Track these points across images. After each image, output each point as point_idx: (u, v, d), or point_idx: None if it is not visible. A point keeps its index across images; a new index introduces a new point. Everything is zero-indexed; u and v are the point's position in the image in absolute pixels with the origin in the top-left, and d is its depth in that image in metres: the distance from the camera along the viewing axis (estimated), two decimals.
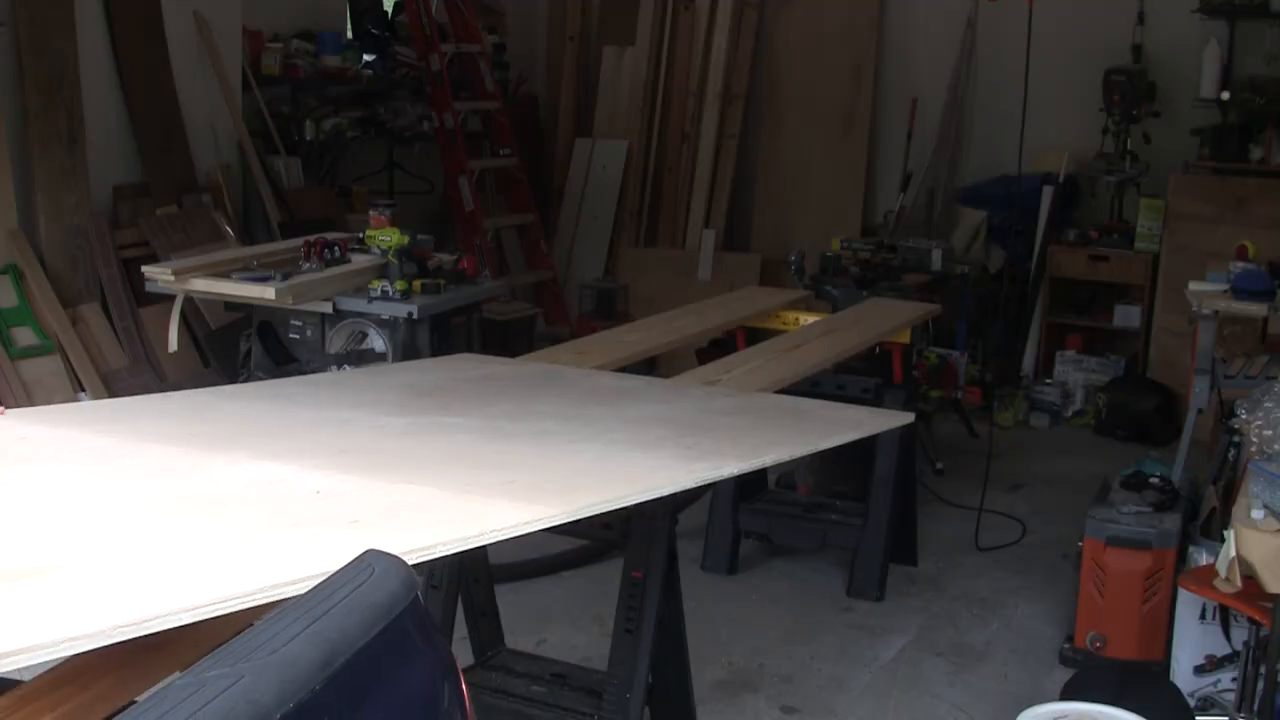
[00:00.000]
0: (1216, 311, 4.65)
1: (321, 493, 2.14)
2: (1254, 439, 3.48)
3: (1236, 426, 3.74)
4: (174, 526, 1.94)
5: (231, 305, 5.07)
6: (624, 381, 3.53)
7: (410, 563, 1.64)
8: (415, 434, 2.68)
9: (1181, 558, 3.82)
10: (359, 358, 4.58)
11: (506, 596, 3.88)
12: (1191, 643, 3.68)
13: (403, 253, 4.58)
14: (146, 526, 1.93)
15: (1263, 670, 3.00)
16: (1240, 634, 3.44)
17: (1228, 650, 3.59)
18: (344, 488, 2.17)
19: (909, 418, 3.50)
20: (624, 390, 3.37)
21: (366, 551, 1.43)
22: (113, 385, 5.12)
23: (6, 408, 2.60)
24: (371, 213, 4.81)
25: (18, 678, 1.32)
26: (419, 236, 4.94)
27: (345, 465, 2.33)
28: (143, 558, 1.77)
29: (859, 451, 4.75)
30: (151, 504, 2.06)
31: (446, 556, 2.88)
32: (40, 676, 1.15)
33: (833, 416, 3.35)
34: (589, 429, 2.82)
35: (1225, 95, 6.48)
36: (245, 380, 4.67)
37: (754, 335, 4.74)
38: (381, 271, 4.57)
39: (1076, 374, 6.82)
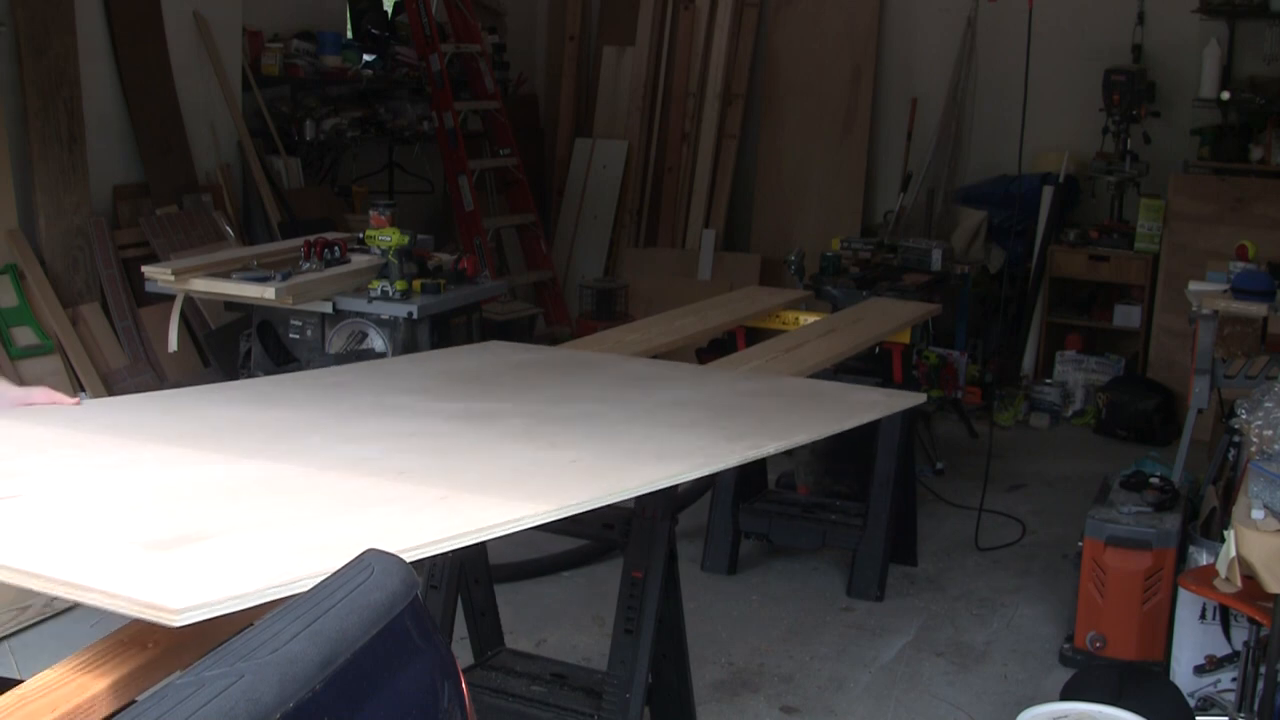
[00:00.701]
0: (1216, 311, 4.65)
1: (405, 472, 2.26)
2: (1254, 439, 3.48)
3: (1236, 426, 3.74)
4: (290, 500, 2.06)
5: (231, 305, 5.07)
6: (650, 367, 3.69)
7: (511, 532, 1.95)
8: (471, 418, 2.80)
9: (1181, 558, 3.82)
10: (359, 358, 4.57)
11: (506, 596, 3.88)
12: (1191, 643, 3.68)
13: (403, 253, 4.58)
14: (267, 499, 2.05)
15: (1263, 670, 3.00)
16: (1240, 634, 3.44)
17: (1228, 650, 3.59)
18: (425, 466, 2.31)
19: (921, 398, 3.66)
20: (652, 375, 3.53)
21: (366, 551, 1.43)
22: (112, 385, 5.12)
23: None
24: (371, 213, 4.80)
25: (18, 677, 1.31)
26: (419, 236, 4.94)
27: (418, 447, 2.46)
28: (279, 526, 1.90)
29: (859, 451, 4.77)
30: (261, 481, 2.17)
31: (447, 555, 2.96)
32: (40, 676, 1.15)
33: (853, 398, 3.50)
34: (629, 411, 2.98)
35: (1225, 95, 6.49)
36: (246, 366, 4.68)
37: (754, 335, 4.74)
38: (381, 271, 4.57)
39: (1076, 374, 6.82)
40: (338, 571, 1.38)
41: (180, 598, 1.47)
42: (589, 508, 2.12)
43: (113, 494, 2.05)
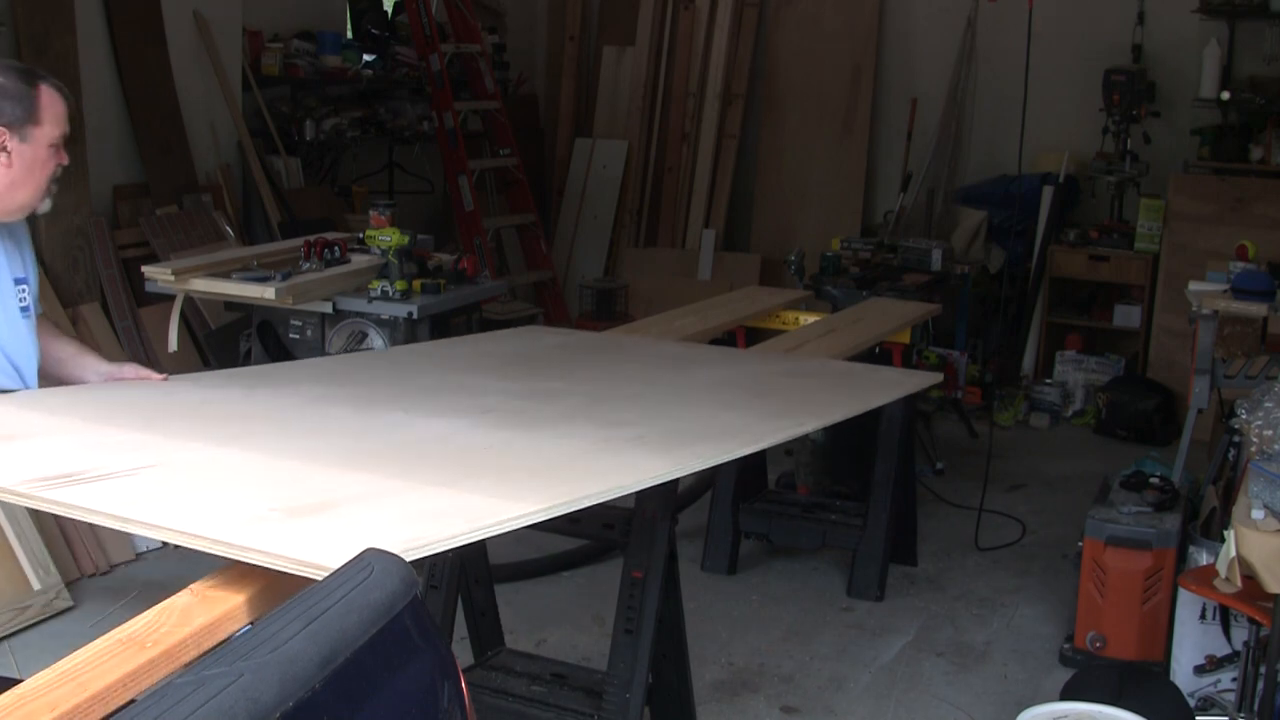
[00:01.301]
0: (1216, 311, 4.65)
1: (492, 447, 2.41)
2: (1254, 439, 3.48)
3: (1237, 426, 3.74)
4: (397, 470, 2.16)
5: (231, 305, 5.07)
6: (684, 349, 3.89)
7: (609, 500, 2.12)
8: (533, 397, 2.94)
9: (1181, 558, 3.82)
10: None
11: (506, 596, 3.88)
12: (1191, 643, 3.68)
13: (403, 253, 4.58)
14: (375, 471, 2.15)
15: (1263, 670, 3.00)
16: (1240, 634, 3.44)
17: (1228, 650, 3.59)
18: (508, 441, 2.46)
19: (938, 378, 4.04)
20: (687, 357, 3.73)
21: (366, 550, 1.43)
22: None
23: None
24: (371, 213, 4.80)
25: (17, 677, 1.31)
26: (419, 236, 4.94)
27: (496, 423, 2.60)
28: (396, 495, 2.01)
29: (859, 451, 4.77)
30: (365, 452, 2.31)
31: (447, 555, 2.99)
32: (39, 676, 1.15)
33: (877, 377, 3.75)
34: (674, 391, 3.17)
35: (1225, 95, 6.49)
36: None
37: (754, 335, 4.75)
38: (381, 271, 4.57)
39: (1076, 374, 6.82)
40: (337, 570, 1.38)
41: (332, 557, 1.58)
42: (669, 479, 2.36)
43: (238, 465, 2.17)
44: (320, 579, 1.53)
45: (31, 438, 2.23)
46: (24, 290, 2.62)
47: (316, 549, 1.65)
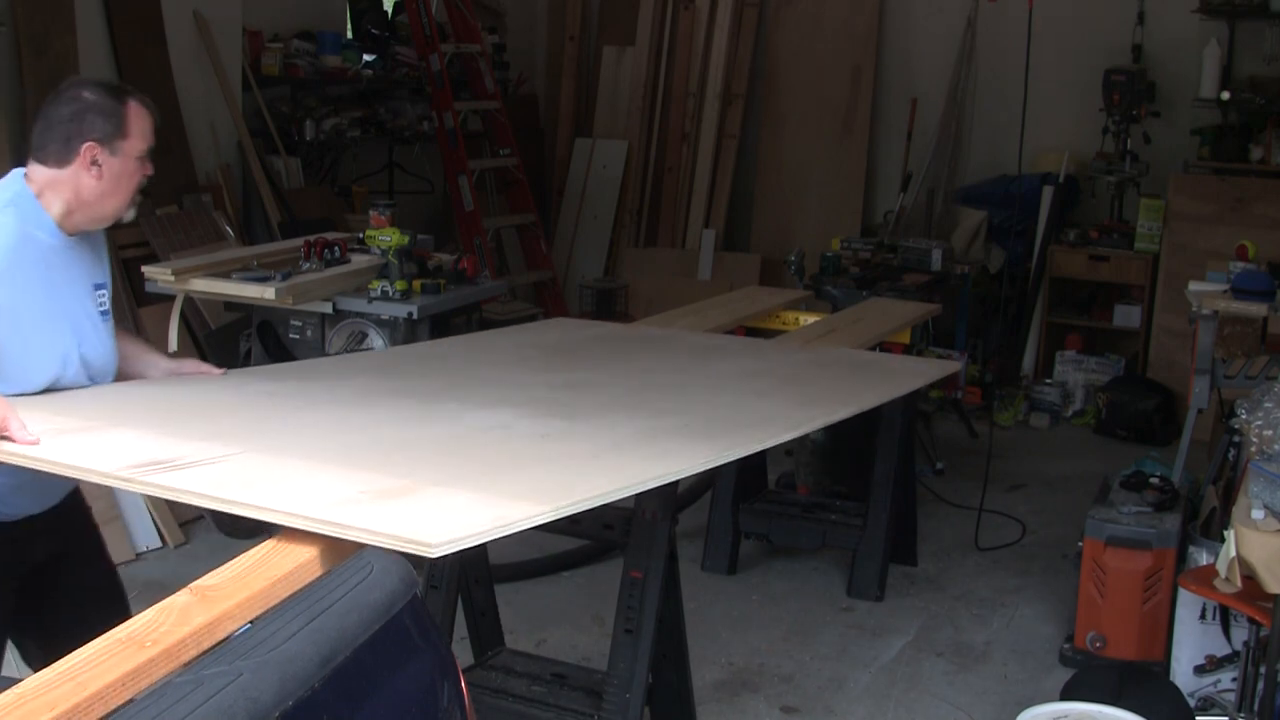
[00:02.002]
0: (1216, 311, 4.65)
1: (547, 435, 2.53)
2: (1254, 439, 3.48)
3: (1237, 426, 3.74)
4: (464, 459, 2.32)
5: (231, 305, 5.06)
6: (711, 340, 4.03)
7: (668, 482, 2.30)
8: (575, 387, 3.07)
9: (1181, 558, 3.81)
10: None
11: (506, 596, 3.88)
12: (1191, 643, 3.68)
13: (403, 253, 4.57)
14: (443, 458, 2.31)
15: (1263, 670, 3.00)
16: (1240, 634, 3.44)
17: (1228, 650, 3.59)
18: (561, 430, 2.57)
19: (956, 366, 4.14)
20: (714, 347, 3.87)
21: (365, 549, 1.43)
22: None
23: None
24: (371, 213, 4.80)
25: (17, 676, 1.31)
26: (419, 236, 4.93)
27: (545, 413, 2.72)
28: (468, 480, 2.14)
29: (859, 452, 4.76)
30: (429, 441, 2.44)
31: (447, 555, 2.97)
32: (38, 675, 1.15)
33: (900, 365, 3.93)
34: (709, 381, 3.31)
35: (1225, 95, 6.48)
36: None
37: (754, 335, 4.74)
38: (381, 271, 4.57)
39: (1076, 374, 6.82)
40: (337, 569, 1.38)
41: (434, 534, 1.75)
42: (719, 464, 2.47)
43: (315, 451, 2.30)
44: (431, 555, 1.72)
45: (116, 429, 2.34)
46: (103, 295, 2.70)
47: (415, 527, 1.78)
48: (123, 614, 2.42)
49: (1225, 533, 3.12)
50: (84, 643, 1.31)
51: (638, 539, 2.99)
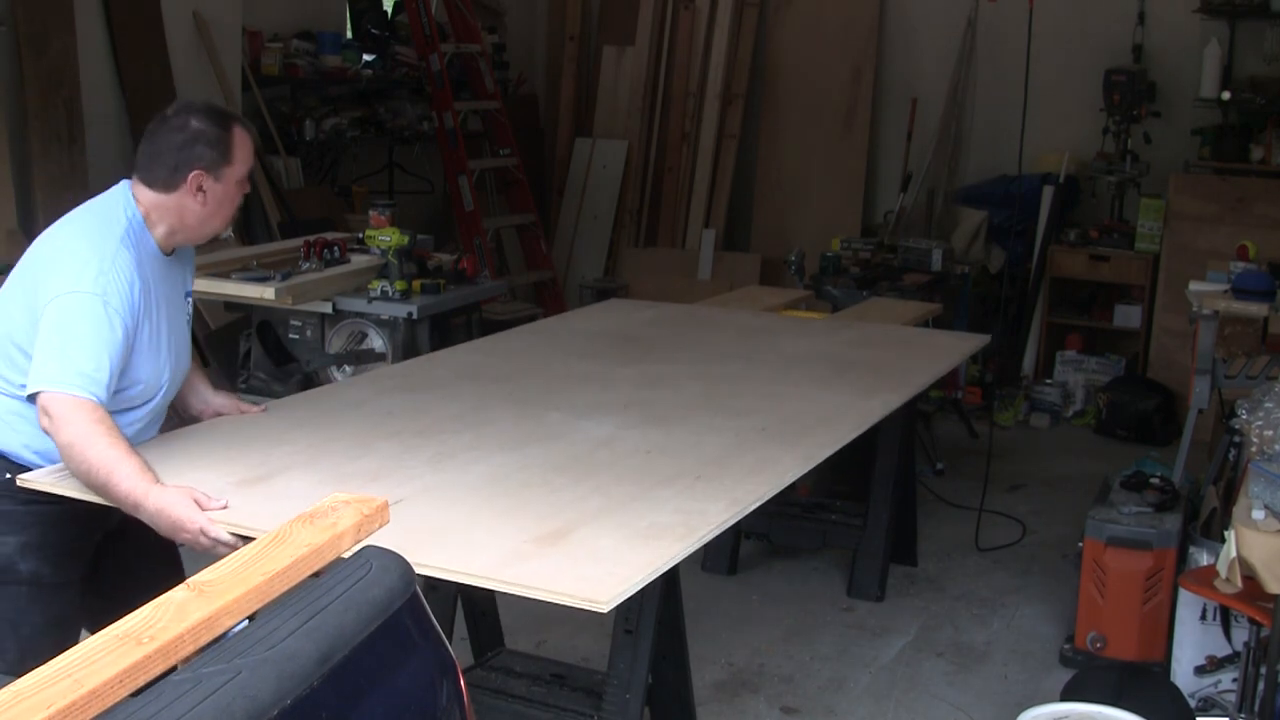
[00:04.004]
0: (1217, 311, 4.64)
1: (653, 451, 2.85)
2: (1254, 439, 3.48)
3: (1237, 427, 3.74)
4: (594, 487, 2.60)
5: (231, 305, 5.07)
6: (754, 320, 4.40)
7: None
8: (654, 384, 3.41)
9: (1182, 558, 3.81)
10: (358, 358, 4.57)
11: (507, 597, 3.87)
12: (1192, 643, 3.67)
13: (402, 253, 4.57)
14: (580, 488, 2.60)
15: (1263, 671, 3.00)
16: (1241, 634, 3.43)
17: (1228, 651, 3.58)
18: (662, 445, 2.90)
19: (985, 339, 4.41)
20: (760, 328, 4.24)
21: (365, 547, 1.42)
22: None
23: None
24: (371, 213, 4.80)
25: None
26: (419, 236, 4.93)
27: (640, 420, 3.07)
28: (612, 512, 2.45)
29: (859, 451, 4.76)
30: (555, 469, 2.71)
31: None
32: (34, 673, 1.15)
33: (936, 341, 4.22)
34: (768, 370, 3.69)
35: (1225, 95, 6.48)
36: (245, 381, 4.67)
37: None
38: (381, 271, 4.57)
39: (1076, 374, 6.81)
40: (336, 567, 1.38)
41: (603, 592, 2.07)
42: (808, 470, 2.89)
43: (466, 491, 2.56)
44: (603, 611, 2.05)
45: (280, 476, 2.60)
46: (189, 302, 2.84)
47: (584, 585, 2.10)
48: (179, 576, 2.48)
49: (1226, 533, 3.11)
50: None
51: None
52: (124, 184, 2.65)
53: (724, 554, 4.70)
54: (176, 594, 1.29)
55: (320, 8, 6.97)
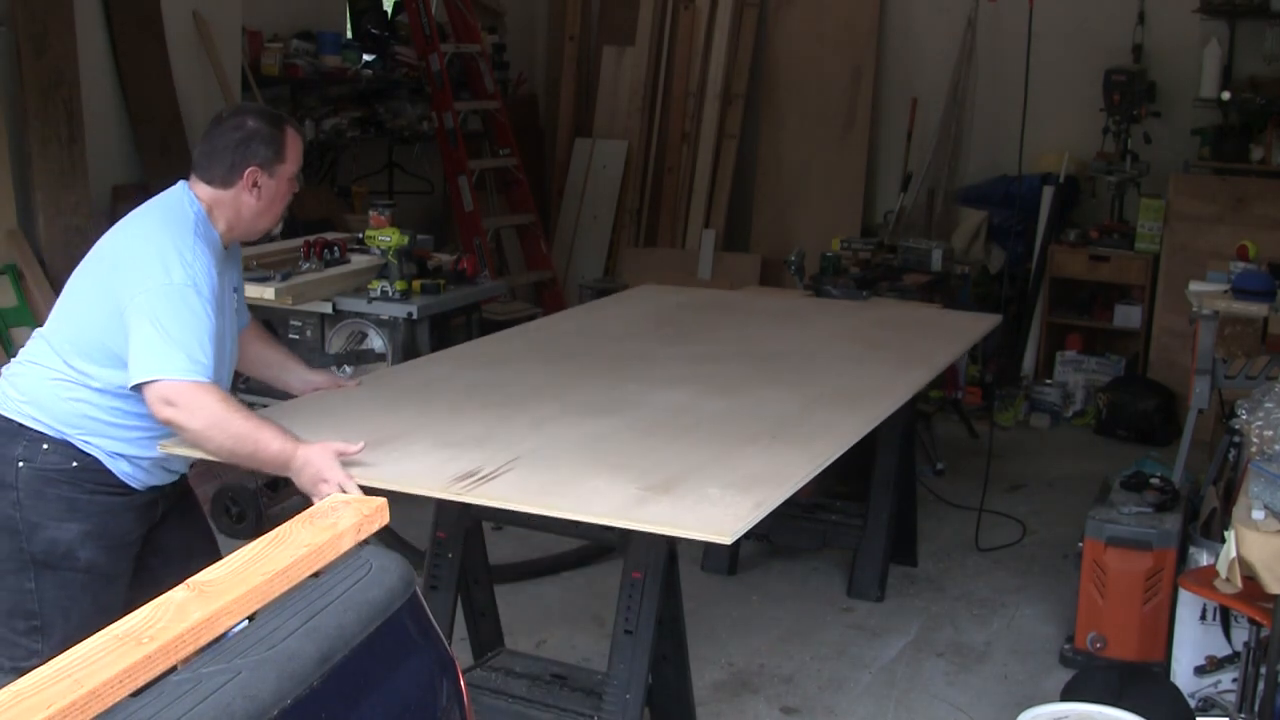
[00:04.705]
0: (1217, 311, 4.64)
1: (724, 414, 3.10)
2: (1254, 439, 3.48)
3: (1237, 427, 3.74)
4: (691, 443, 2.84)
5: None
6: (778, 303, 4.67)
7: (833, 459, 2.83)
8: (704, 361, 3.63)
9: (1182, 558, 3.81)
10: (358, 358, 4.57)
11: (506, 597, 3.87)
12: (1192, 643, 3.67)
13: (402, 253, 4.57)
14: (678, 444, 2.83)
15: (1263, 671, 3.00)
16: (1241, 635, 3.44)
17: (1228, 651, 3.58)
18: (730, 410, 3.14)
19: (998, 319, 4.62)
20: (786, 311, 4.46)
21: (365, 548, 1.42)
22: None
23: None
24: (371, 213, 4.80)
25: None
26: (419, 236, 4.93)
27: (704, 391, 3.29)
28: (713, 465, 2.69)
29: (859, 451, 4.75)
30: (648, 431, 2.93)
31: (447, 555, 3.06)
32: (34, 673, 1.15)
33: (954, 322, 4.48)
34: (803, 348, 3.92)
35: (1226, 95, 6.48)
36: (245, 380, 4.67)
37: None
38: (381, 271, 4.57)
39: (1076, 374, 6.81)
40: (335, 567, 1.37)
41: (725, 526, 2.31)
42: (870, 429, 3.11)
43: (575, 447, 2.78)
44: (725, 543, 2.28)
45: (399, 440, 2.78)
46: (239, 297, 2.96)
47: (705, 521, 2.34)
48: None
49: (1226, 533, 3.11)
50: None
51: (638, 539, 2.99)
52: (182, 184, 2.77)
53: (724, 554, 4.70)
54: (176, 594, 1.29)
55: (320, 8, 6.97)
